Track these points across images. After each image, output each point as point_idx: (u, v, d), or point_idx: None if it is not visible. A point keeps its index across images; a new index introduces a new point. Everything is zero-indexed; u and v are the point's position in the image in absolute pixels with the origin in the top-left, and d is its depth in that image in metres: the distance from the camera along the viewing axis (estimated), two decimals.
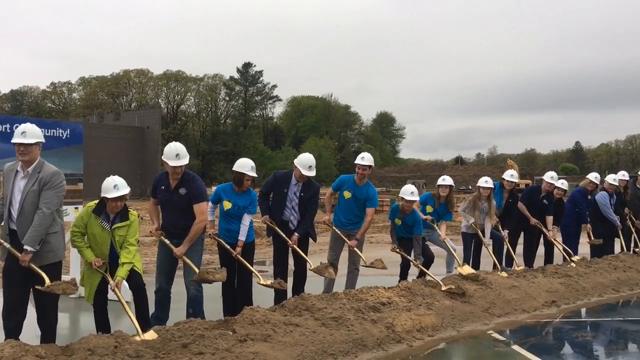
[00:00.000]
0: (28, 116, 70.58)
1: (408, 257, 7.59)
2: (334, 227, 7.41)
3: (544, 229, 9.36)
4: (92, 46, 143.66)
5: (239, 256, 6.20)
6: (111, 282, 5.12)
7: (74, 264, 7.82)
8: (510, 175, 9.14)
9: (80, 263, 7.33)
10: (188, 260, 5.77)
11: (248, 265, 6.26)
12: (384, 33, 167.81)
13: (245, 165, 6.32)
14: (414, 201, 7.67)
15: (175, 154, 5.77)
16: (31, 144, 4.73)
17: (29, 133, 4.75)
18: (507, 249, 9.04)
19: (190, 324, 4.94)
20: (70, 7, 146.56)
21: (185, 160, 5.83)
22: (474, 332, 6.35)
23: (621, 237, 10.49)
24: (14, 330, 4.73)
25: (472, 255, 8.76)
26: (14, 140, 4.75)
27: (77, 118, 75.54)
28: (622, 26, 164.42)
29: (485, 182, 8.66)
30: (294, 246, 6.67)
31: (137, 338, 4.71)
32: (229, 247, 6.24)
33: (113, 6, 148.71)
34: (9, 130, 6.95)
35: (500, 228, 8.93)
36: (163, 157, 5.89)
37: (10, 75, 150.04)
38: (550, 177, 9.51)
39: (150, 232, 6.04)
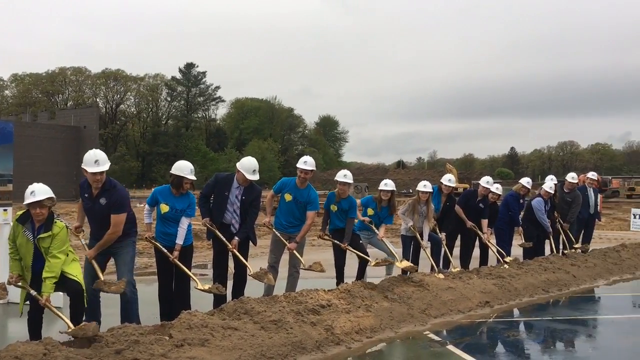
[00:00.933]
0: None
1: (337, 242, 7.75)
2: (274, 230, 7.40)
3: (479, 232, 9.67)
4: (26, 42, 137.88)
5: (176, 260, 6.11)
6: (40, 299, 4.94)
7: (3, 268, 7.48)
8: (448, 179, 9.39)
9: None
10: (96, 265, 5.62)
11: (185, 269, 6.17)
12: (329, 38, 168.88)
13: (184, 168, 6.22)
14: (349, 183, 7.81)
15: (95, 160, 5.54)
16: None
17: None
18: (445, 251, 9.28)
19: (124, 329, 4.81)
20: (3, 1, 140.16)
21: (105, 166, 5.60)
22: (411, 333, 6.48)
23: (551, 240, 10.94)
24: None
25: (411, 258, 8.94)
26: None
27: (9, 116, 72.36)
28: (556, 37, 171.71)
29: (424, 186, 8.86)
30: (234, 250, 6.62)
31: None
32: (165, 250, 6.13)
33: (49, 1, 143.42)
34: None
35: (438, 231, 9.16)
36: (82, 165, 5.66)
37: None
38: (485, 181, 9.85)
39: (71, 229, 5.77)
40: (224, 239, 6.60)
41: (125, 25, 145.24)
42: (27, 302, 5.28)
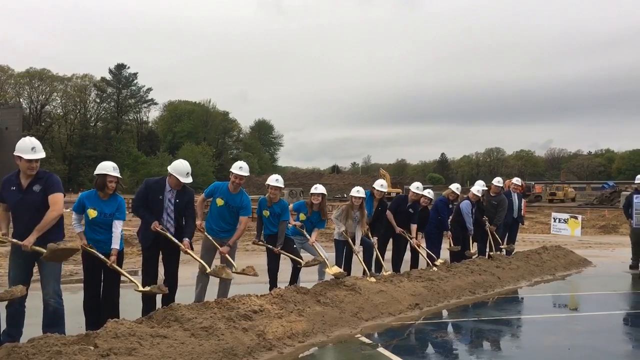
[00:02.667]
0: None
1: (271, 246, 7.75)
2: (205, 234, 7.30)
3: (407, 236, 9.91)
4: None
5: (114, 265, 5.90)
6: None
7: None
8: (380, 185, 9.56)
9: None
10: (37, 248, 5.27)
11: (124, 273, 5.97)
12: (265, 42, 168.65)
13: (105, 166, 6.05)
14: (280, 188, 7.83)
15: (31, 147, 5.36)
16: None
17: None
18: (376, 255, 9.43)
19: (46, 339, 4.61)
20: None
21: (42, 154, 5.44)
22: (342, 337, 6.53)
23: (470, 241, 11.24)
24: None
25: (344, 262, 9.03)
26: None
27: None
28: (484, 49, 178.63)
29: (357, 191, 8.98)
30: (188, 250, 6.48)
31: None
32: (102, 257, 5.90)
33: None
34: None
35: (370, 235, 9.30)
36: (16, 152, 5.41)
37: None
38: (416, 187, 10.11)
39: None
40: (176, 240, 6.44)
41: (52, 23, 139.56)
42: None
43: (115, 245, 6.01)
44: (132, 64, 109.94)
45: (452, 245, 10.81)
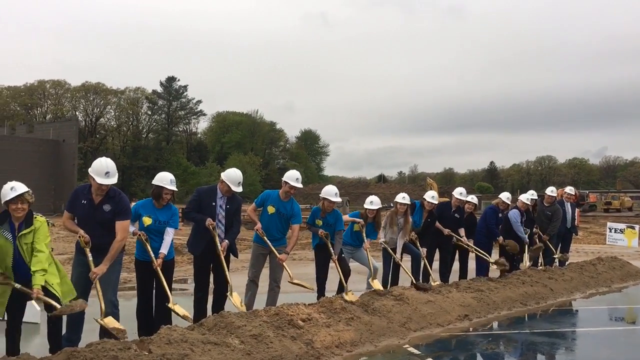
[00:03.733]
0: None
1: (332, 250, 7.72)
2: (264, 238, 7.25)
3: (456, 237, 9.76)
4: (5, 55, 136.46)
5: (158, 268, 6.03)
6: (30, 292, 4.89)
7: None
8: (432, 196, 9.49)
9: None
10: (99, 287, 5.50)
11: (165, 284, 6.11)
12: (311, 54, 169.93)
13: (163, 178, 6.23)
14: (337, 202, 7.86)
15: (106, 171, 5.54)
16: None
17: None
18: (424, 265, 9.35)
19: (103, 345, 4.77)
20: None
21: (114, 179, 5.63)
22: (390, 347, 6.51)
23: (526, 251, 11.00)
24: None
25: (392, 271, 8.99)
26: None
27: None
28: (534, 54, 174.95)
29: (403, 198, 8.96)
30: (221, 253, 6.57)
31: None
32: (152, 254, 6.04)
33: (29, 13, 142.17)
34: None
35: (418, 245, 9.23)
36: (91, 172, 5.62)
37: None
38: (459, 193, 10.02)
39: (80, 237, 5.55)
40: (219, 243, 6.55)
41: (106, 39, 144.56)
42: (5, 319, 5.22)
43: (164, 250, 6.15)
44: (182, 77, 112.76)
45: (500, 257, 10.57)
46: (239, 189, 6.78)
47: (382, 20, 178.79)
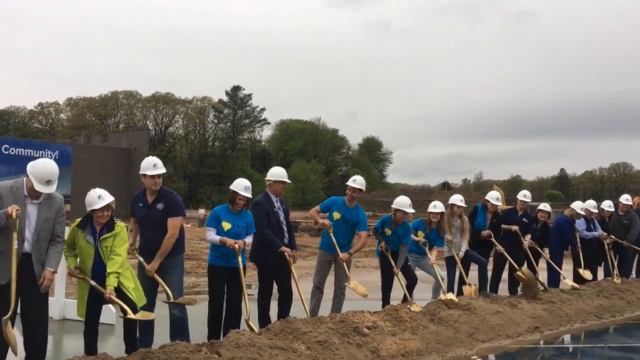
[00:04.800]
0: (14, 136, 70.28)
1: (393, 262, 7.69)
2: (332, 235, 7.26)
3: (523, 240, 9.41)
4: (81, 66, 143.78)
5: (236, 246, 6.05)
6: (104, 292, 5.12)
7: (58, 285, 7.78)
8: (496, 198, 9.29)
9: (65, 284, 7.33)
10: (159, 279, 5.77)
11: (243, 287, 6.23)
12: (374, 62, 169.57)
13: (239, 184, 6.33)
14: (410, 213, 7.79)
15: (153, 164, 5.85)
16: None
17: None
18: (492, 274, 9.14)
19: (175, 347, 4.93)
20: (61, 27, 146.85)
21: (163, 169, 5.90)
22: (458, 358, 6.39)
23: (580, 256, 10.40)
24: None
25: (456, 280, 8.82)
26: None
27: (64, 139, 75.22)
28: (606, 58, 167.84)
29: (461, 200, 8.87)
30: (291, 260, 6.64)
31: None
32: (241, 262, 6.15)
33: (104, 26, 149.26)
34: None
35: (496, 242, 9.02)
36: (141, 171, 5.91)
37: None
38: (523, 195, 9.75)
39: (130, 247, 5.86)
40: (288, 259, 6.61)
41: (174, 50, 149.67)
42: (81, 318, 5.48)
43: (247, 239, 6.29)
44: (246, 86, 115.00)
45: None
46: (287, 180, 6.91)
47: (447, 28, 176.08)
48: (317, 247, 7.70)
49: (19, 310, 4.85)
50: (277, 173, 6.91)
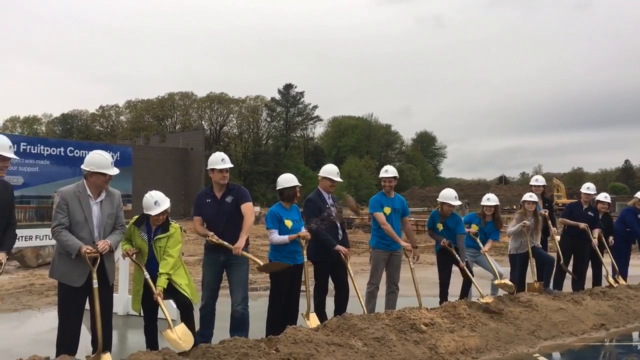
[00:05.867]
0: (78, 139, 73.17)
1: (457, 256, 7.58)
2: (395, 234, 7.26)
3: (591, 234, 9.07)
4: (139, 69, 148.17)
5: (308, 235, 6.21)
6: (154, 290, 5.26)
7: (122, 282, 8.06)
8: (535, 180, 9.22)
9: (128, 281, 7.58)
10: (248, 255, 5.87)
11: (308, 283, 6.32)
12: (425, 56, 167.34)
13: (292, 179, 6.44)
14: (455, 206, 7.72)
15: (221, 158, 6.04)
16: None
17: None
18: (556, 271, 8.86)
19: (234, 342, 5.02)
20: (120, 31, 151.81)
21: (230, 164, 6.09)
22: (519, 356, 6.23)
23: None
24: (70, 349, 4.87)
25: (518, 278, 8.58)
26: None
27: (124, 140, 77.76)
28: None
29: (530, 196, 8.59)
30: (345, 257, 6.65)
31: (172, 335, 5.05)
32: (305, 257, 6.24)
33: (160, 30, 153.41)
34: (62, 154, 7.28)
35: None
36: (209, 166, 6.07)
37: (62, 99, 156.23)
38: (586, 188, 9.41)
39: (208, 238, 5.92)
40: (344, 257, 6.64)
41: (227, 50, 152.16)
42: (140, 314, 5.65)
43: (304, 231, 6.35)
44: (298, 84, 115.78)
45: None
46: (339, 179, 6.90)
47: (501, 20, 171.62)
48: (371, 246, 7.60)
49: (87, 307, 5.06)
50: (323, 169, 6.99)
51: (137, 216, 5.61)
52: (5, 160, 4.70)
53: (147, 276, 5.36)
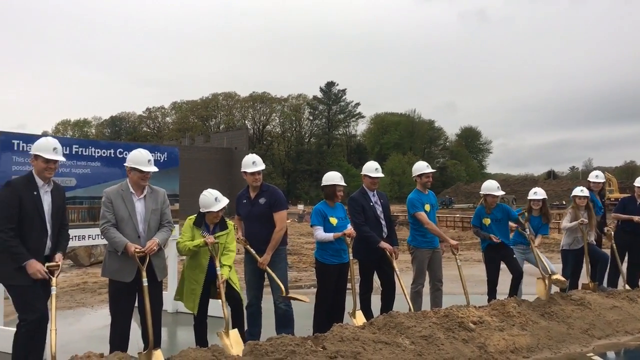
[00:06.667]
0: (126, 140, 75.07)
1: (526, 232, 7.51)
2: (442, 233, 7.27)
3: None
4: (184, 71, 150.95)
5: (354, 233, 6.23)
6: (220, 278, 5.40)
7: (171, 280, 8.22)
8: (595, 176, 8.84)
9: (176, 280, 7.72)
10: (271, 272, 5.97)
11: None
12: (468, 50, 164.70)
13: (335, 177, 6.42)
14: (498, 196, 7.59)
15: (252, 161, 6.16)
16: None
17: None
18: (610, 268, 8.56)
19: (282, 339, 5.05)
20: (164, 34, 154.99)
21: (262, 166, 6.19)
22: (572, 355, 6.05)
23: None
24: (122, 345, 5.01)
25: (571, 274, 8.33)
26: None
27: (170, 141, 79.46)
28: None
29: (581, 191, 8.33)
30: (394, 257, 6.62)
31: (226, 341, 5.12)
32: (351, 255, 6.26)
33: (203, 31, 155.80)
34: (112, 155, 7.47)
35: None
36: (242, 169, 6.22)
37: (111, 102, 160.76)
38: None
39: (237, 238, 6.11)
40: (392, 259, 6.61)
41: (269, 49, 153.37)
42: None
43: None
44: (340, 81, 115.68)
45: None
46: (380, 174, 6.84)
47: (546, 11, 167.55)
48: (412, 245, 7.42)
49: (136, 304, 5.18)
50: (364, 167, 6.99)
51: (193, 216, 5.72)
52: (50, 162, 4.77)
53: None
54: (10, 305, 5.12)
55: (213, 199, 5.57)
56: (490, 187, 7.66)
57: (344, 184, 6.44)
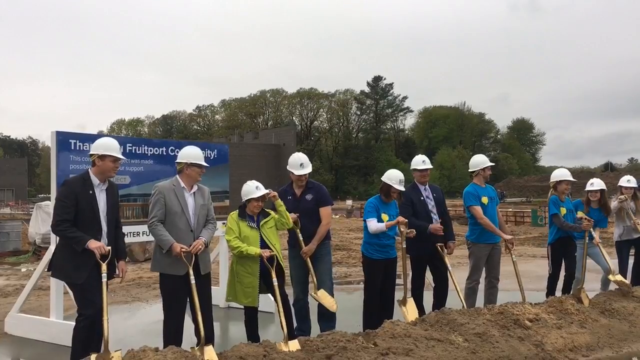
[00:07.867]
0: (177, 138, 76.79)
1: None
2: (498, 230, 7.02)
3: None
4: (232, 69, 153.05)
5: (411, 235, 6.14)
6: (265, 253, 5.43)
7: (222, 276, 8.33)
8: (627, 180, 8.31)
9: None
10: (311, 266, 6.00)
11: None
12: (519, 41, 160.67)
13: (392, 177, 6.29)
14: (572, 182, 7.48)
15: (300, 163, 6.14)
16: None
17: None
18: None
19: (332, 335, 5.02)
20: (213, 33, 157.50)
21: (308, 168, 6.17)
22: (635, 354, 5.78)
23: None
24: (176, 340, 5.09)
25: (631, 266, 7.99)
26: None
27: (220, 138, 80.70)
28: None
29: (628, 181, 8.09)
30: (443, 250, 6.52)
31: (282, 345, 4.91)
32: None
33: (251, 28, 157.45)
34: (164, 153, 7.61)
35: None
36: (288, 167, 6.22)
37: (163, 101, 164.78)
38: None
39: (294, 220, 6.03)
40: (446, 261, 6.52)
41: (315, 45, 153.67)
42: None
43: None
44: (387, 75, 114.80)
45: None
46: (428, 165, 6.77)
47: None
48: (470, 240, 7.27)
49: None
50: (412, 161, 6.96)
51: (235, 212, 5.76)
52: (117, 161, 5.01)
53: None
54: (69, 300, 5.28)
55: (254, 187, 5.64)
56: (564, 173, 7.57)
57: (401, 188, 6.26)
